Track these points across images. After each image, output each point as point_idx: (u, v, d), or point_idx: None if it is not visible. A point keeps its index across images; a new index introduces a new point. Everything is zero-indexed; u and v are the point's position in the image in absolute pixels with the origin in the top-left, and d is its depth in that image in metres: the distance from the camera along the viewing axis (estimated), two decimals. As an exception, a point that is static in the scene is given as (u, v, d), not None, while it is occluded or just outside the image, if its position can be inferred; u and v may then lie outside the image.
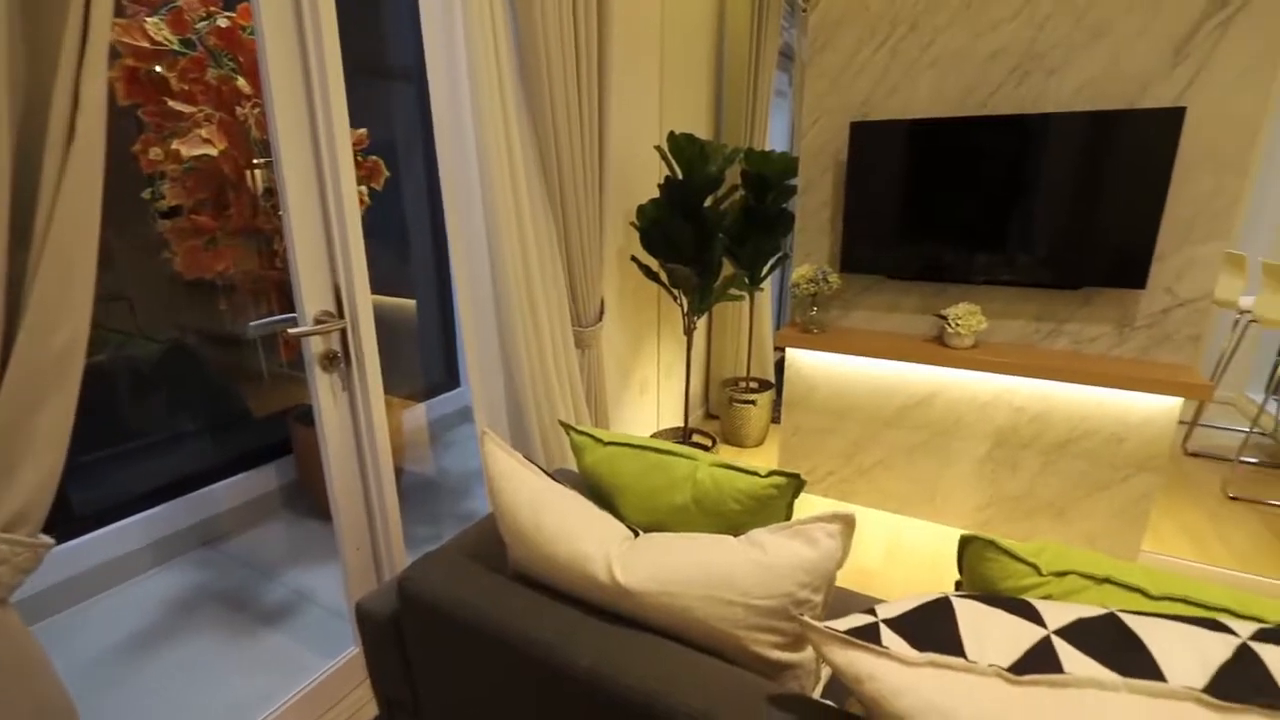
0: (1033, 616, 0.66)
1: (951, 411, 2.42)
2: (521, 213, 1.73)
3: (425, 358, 3.36)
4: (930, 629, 0.66)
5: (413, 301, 3.25)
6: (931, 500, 2.54)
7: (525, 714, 0.90)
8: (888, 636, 0.66)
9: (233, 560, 2.27)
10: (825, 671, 0.98)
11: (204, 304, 2.43)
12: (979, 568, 0.84)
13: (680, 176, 2.47)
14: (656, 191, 2.66)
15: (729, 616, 0.81)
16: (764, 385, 3.40)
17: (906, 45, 2.22)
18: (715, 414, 3.76)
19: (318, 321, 1.41)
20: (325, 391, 1.45)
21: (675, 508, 1.03)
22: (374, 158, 2.22)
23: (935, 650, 0.64)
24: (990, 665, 0.61)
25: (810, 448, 2.73)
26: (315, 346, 1.42)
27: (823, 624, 0.69)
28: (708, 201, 2.52)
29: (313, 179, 1.36)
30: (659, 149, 2.46)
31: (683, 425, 3.15)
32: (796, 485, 0.97)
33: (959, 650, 0.63)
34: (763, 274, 2.99)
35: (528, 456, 1.27)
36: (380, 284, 1.50)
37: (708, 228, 2.51)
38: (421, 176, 3.07)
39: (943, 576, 2.22)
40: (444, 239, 1.74)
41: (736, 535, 0.90)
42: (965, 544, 0.87)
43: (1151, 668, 0.59)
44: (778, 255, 2.97)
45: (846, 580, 2.17)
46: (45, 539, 0.90)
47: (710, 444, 3.08)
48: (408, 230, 3.16)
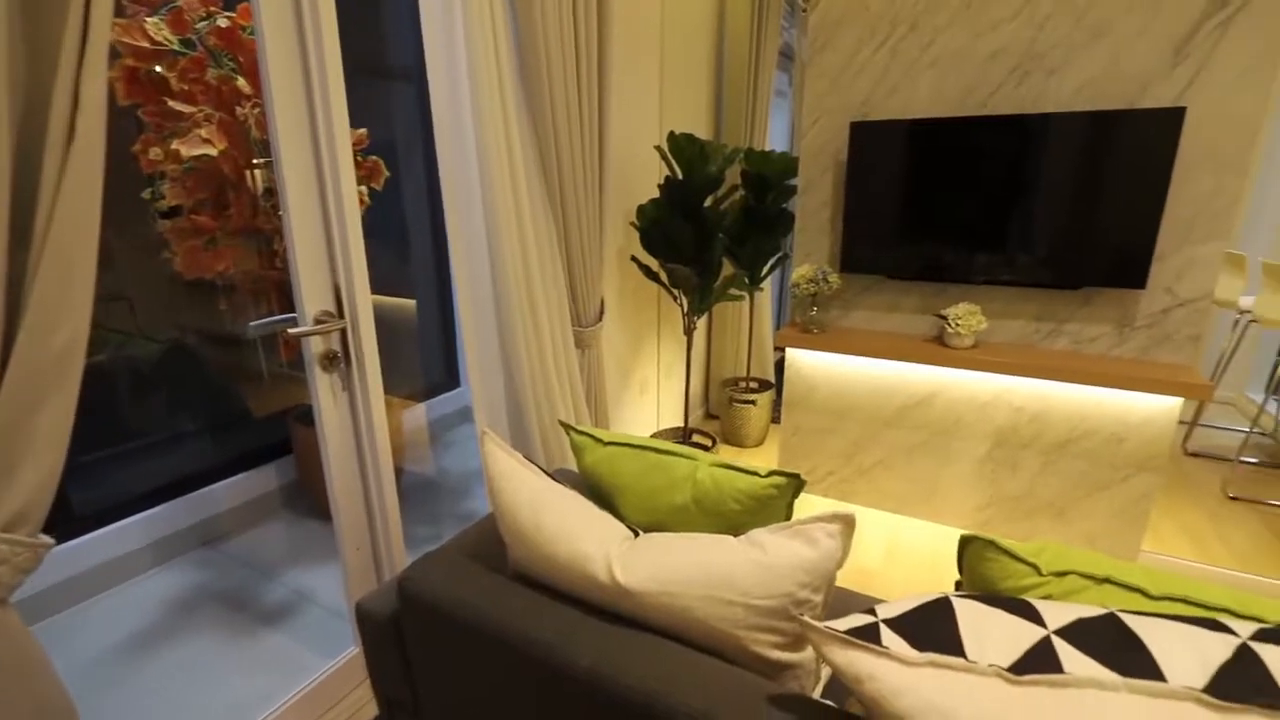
0: (1033, 616, 0.66)
1: (951, 411, 2.42)
2: (521, 212, 1.73)
3: (425, 358, 3.36)
4: (930, 629, 0.66)
5: (413, 301, 3.25)
6: (931, 500, 2.54)
7: (525, 714, 0.90)
8: (888, 636, 0.66)
9: (233, 560, 2.27)
10: (825, 671, 0.98)
11: (204, 304, 2.43)
12: (979, 568, 0.84)
13: (680, 176, 2.47)
14: (656, 191, 2.66)
15: (729, 616, 0.81)
16: (764, 385, 3.40)
17: (906, 45, 2.22)
18: (715, 414, 3.76)
19: (318, 321, 1.41)
20: (325, 391, 1.45)
21: (675, 508, 1.03)
22: (374, 158, 2.22)
23: (935, 650, 0.64)
24: (990, 665, 0.61)
25: (810, 448, 2.73)
26: (315, 346, 1.42)
27: (823, 624, 0.69)
28: (708, 201, 2.52)
29: (313, 179, 1.36)
30: (659, 149, 2.46)
31: (683, 425, 3.15)
32: (796, 485, 0.97)
33: (959, 650, 0.63)
34: (763, 274, 2.99)
35: (528, 456, 1.27)
36: (380, 284, 1.50)
37: (708, 228, 2.51)
38: (422, 176, 3.07)
39: (943, 576, 2.22)
40: (444, 239, 1.74)
41: (736, 535, 0.90)
42: (965, 544, 0.87)
43: (1151, 668, 0.59)
44: (778, 255, 2.97)
45: (846, 580, 2.17)
46: (45, 539, 0.90)
47: (710, 444, 3.08)
48: (408, 230, 3.16)
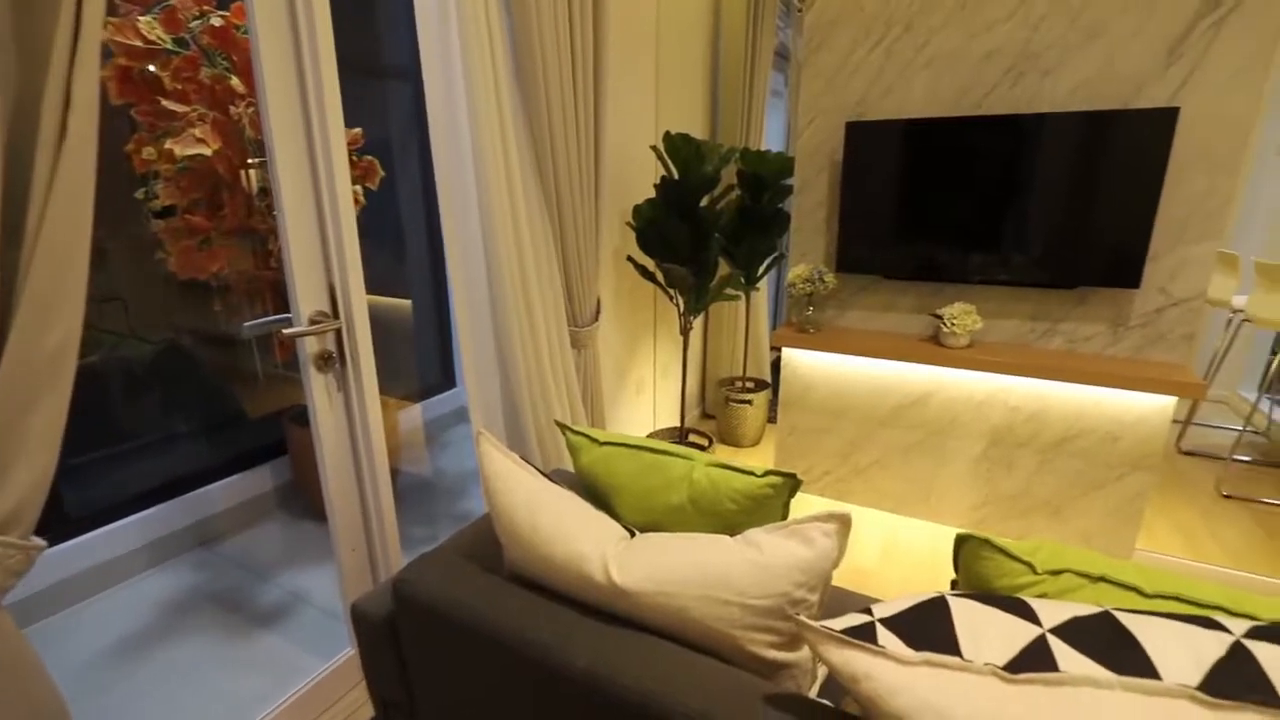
0: (1028, 615, 0.67)
1: (947, 411, 2.42)
2: (517, 213, 1.73)
3: (421, 358, 3.35)
4: (926, 628, 0.67)
5: (408, 301, 3.24)
6: (927, 499, 2.55)
7: (522, 715, 0.90)
8: (884, 636, 0.66)
9: (228, 561, 2.26)
10: (822, 671, 0.98)
11: (198, 304, 2.42)
12: (975, 566, 0.84)
13: (676, 176, 2.47)
14: (652, 191, 2.66)
15: (725, 616, 0.81)
16: (760, 385, 3.41)
17: (901, 45, 2.23)
18: (712, 414, 3.76)
19: (312, 322, 1.41)
20: (320, 392, 1.45)
21: (671, 508, 1.03)
22: (369, 157, 2.21)
23: (931, 649, 0.64)
24: (986, 664, 0.61)
25: (806, 447, 2.73)
26: (310, 347, 1.41)
27: (819, 623, 0.69)
28: (704, 201, 2.52)
29: (307, 179, 1.36)
30: (655, 149, 2.46)
31: (679, 425, 3.15)
32: (793, 485, 0.97)
33: (955, 649, 0.64)
34: (759, 274, 2.99)
35: (524, 457, 1.27)
36: (376, 284, 1.50)
37: (704, 227, 2.51)
38: (417, 176, 3.06)
39: (939, 575, 2.22)
40: (439, 238, 1.73)
41: (733, 535, 0.90)
42: (961, 543, 0.87)
43: (1146, 666, 0.59)
44: (774, 255, 2.97)
45: (843, 579, 2.17)
46: (37, 541, 0.90)
47: (707, 444, 3.08)
48: (403, 230, 3.15)
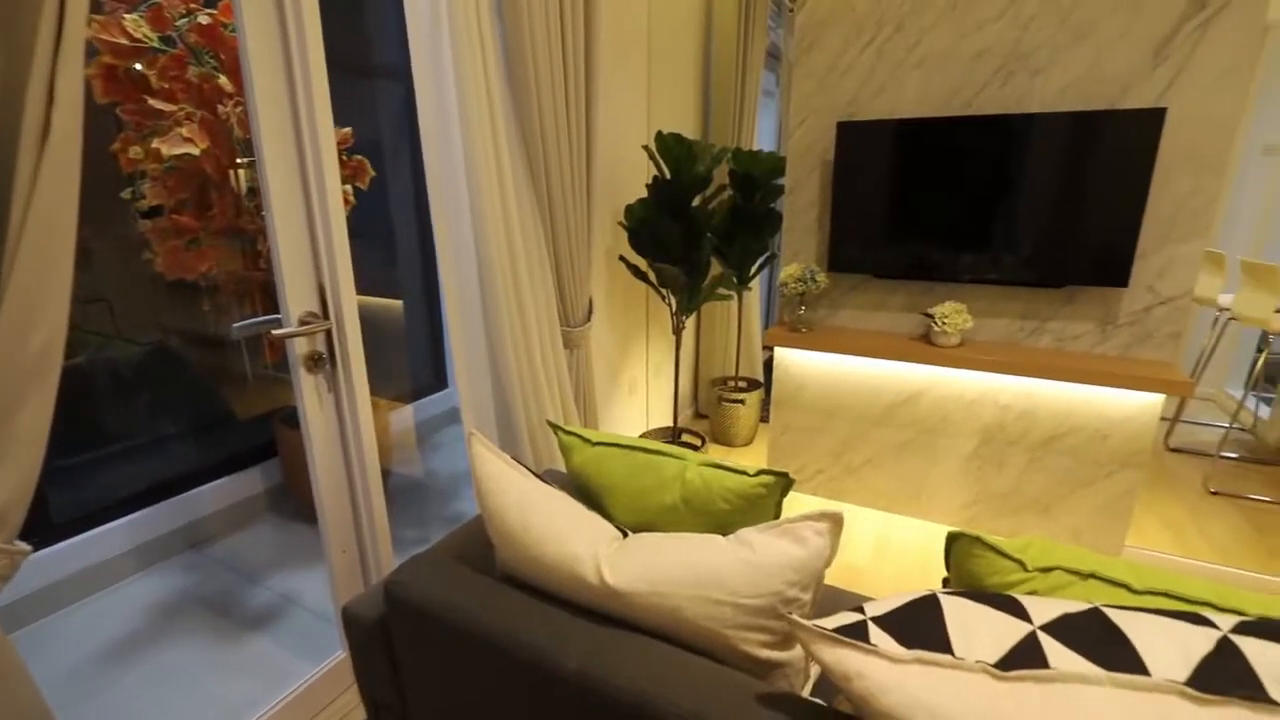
0: (1019, 612, 0.67)
1: (938, 409, 2.43)
2: (509, 213, 1.72)
3: (412, 359, 3.34)
4: (918, 626, 0.67)
5: (399, 302, 3.22)
6: (919, 498, 2.56)
7: (515, 716, 0.89)
8: (876, 634, 0.66)
9: (217, 564, 2.24)
10: (814, 670, 0.98)
11: (186, 305, 2.39)
12: (966, 564, 0.85)
13: (668, 176, 2.47)
14: (644, 191, 2.66)
15: (718, 616, 0.81)
16: (753, 384, 3.41)
17: (892, 45, 2.24)
18: (704, 413, 3.76)
19: (302, 323, 1.40)
20: (310, 393, 1.44)
21: (664, 507, 1.03)
22: (359, 157, 2.20)
23: (923, 647, 0.64)
24: (977, 661, 0.62)
25: (799, 446, 2.74)
26: (300, 348, 1.40)
27: (811, 622, 0.69)
28: (696, 201, 2.52)
29: (296, 178, 1.35)
30: (647, 149, 2.46)
31: (672, 425, 3.15)
32: (785, 484, 0.97)
33: (946, 647, 0.64)
34: (751, 273, 3.00)
35: (516, 457, 1.26)
36: (366, 284, 1.49)
37: (696, 227, 2.51)
38: (408, 176, 3.05)
39: (930, 573, 2.23)
40: (431, 239, 1.73)
41: (725, 535, 0.90)
42: (952, 541, 0.87)
43: (1135, 662, 0.59)
44: (765, 255, 2.97)
45: (835, 578, 2.18)
46: (22, 545, 0.88)
47: (699, 443, 3.08)
48: (394, 230, 3.13)
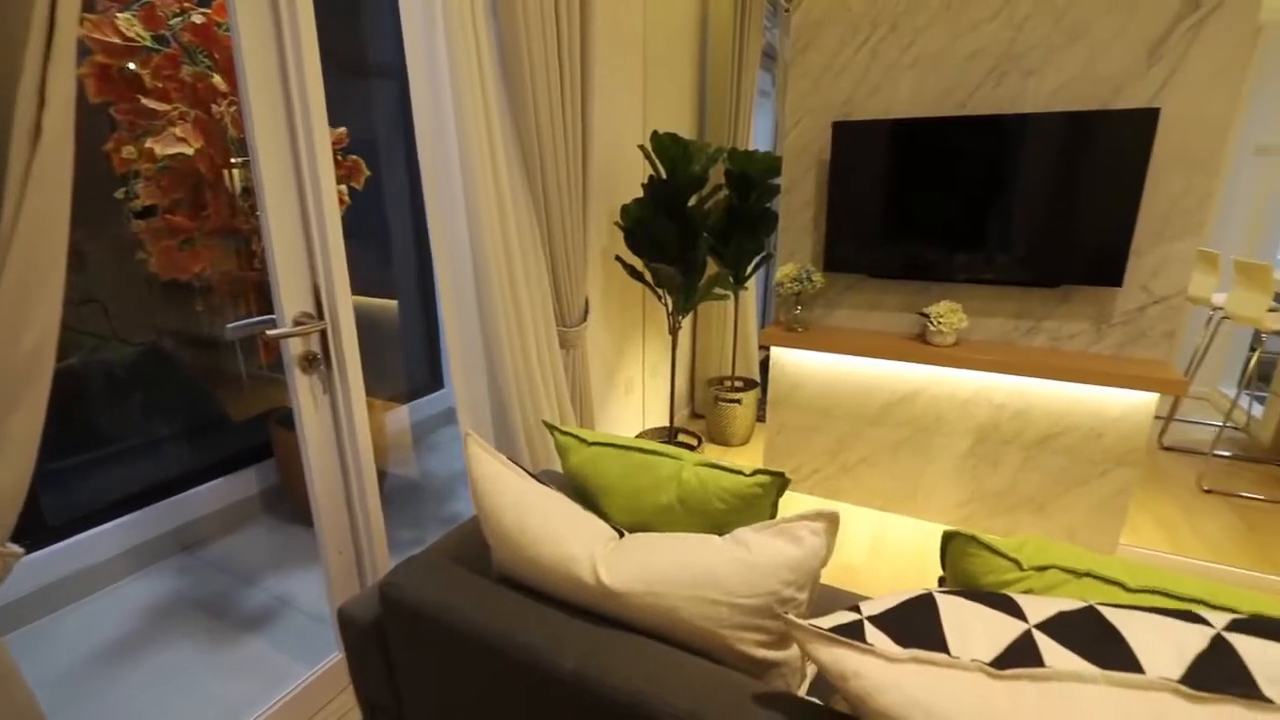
0: (1014, 611, 0.67)
1: (934, 408, 2.44)
2: (504, 213, 1.72)
3: (408, 359, 3.33)
4: (914, 625, 0.67)
5: (395, 302, 3.21)
6: (914, 497, 2.57)
7: (511, 717, 0.89)
8: (872, 633, 0.66)
9: (212, 566, 2.23)
10: (811, 669, 0.98)
11: (180, 306, 2.38)
12: (961, 563, 0.85)
13: (664, 176, 2.47)
14: (640, 191, 2.66)
15: (714, 616, 0.81)
16: (749, 384, 3.42)
17: (887, 46, 2.24)
18: (701, 413, 3.76)
19: (297, 323, 1.39)
20: (305, 394, 1.43)
21: (660, 507, 1.03)
22: (354, 157, 2.19)
23: (919, 646, 0.64)
24: (973, 660, 0.62)
25: (795, 446, 2.74)
26: (294, 348, 1.40)
27: (807, 622, 0.69)
28: (692, 201, 2.52)
29: (291, 178, 1.34)
30: (643, 148, 2.45)
31: (668, 425, 3.15)
32: (781, 484, 0.97)
33: (942, 646, 0.64)
34: (747, 273, 3.00)
35: (512, 458, 1.26)
36: (361, 285, 1.48)
37: (692, 227, 2.51)
38: (403, 176, 3.04)
39: (926, 572, 2.24)
40: (426, 239, 1.72)
41: (721, 534, 0.90)
42: (948, 540, 0.87)
43: (1130, 660, 0.59)
44: (762, 254, 2.98)
45: (831, 577, 2.18)
46: (14, 548, 0.88)
47: (696, 443, 3.08)
48: (389, 230, 3.13)
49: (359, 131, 2.30)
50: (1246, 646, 0.59)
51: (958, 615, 0.67)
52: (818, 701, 0.74)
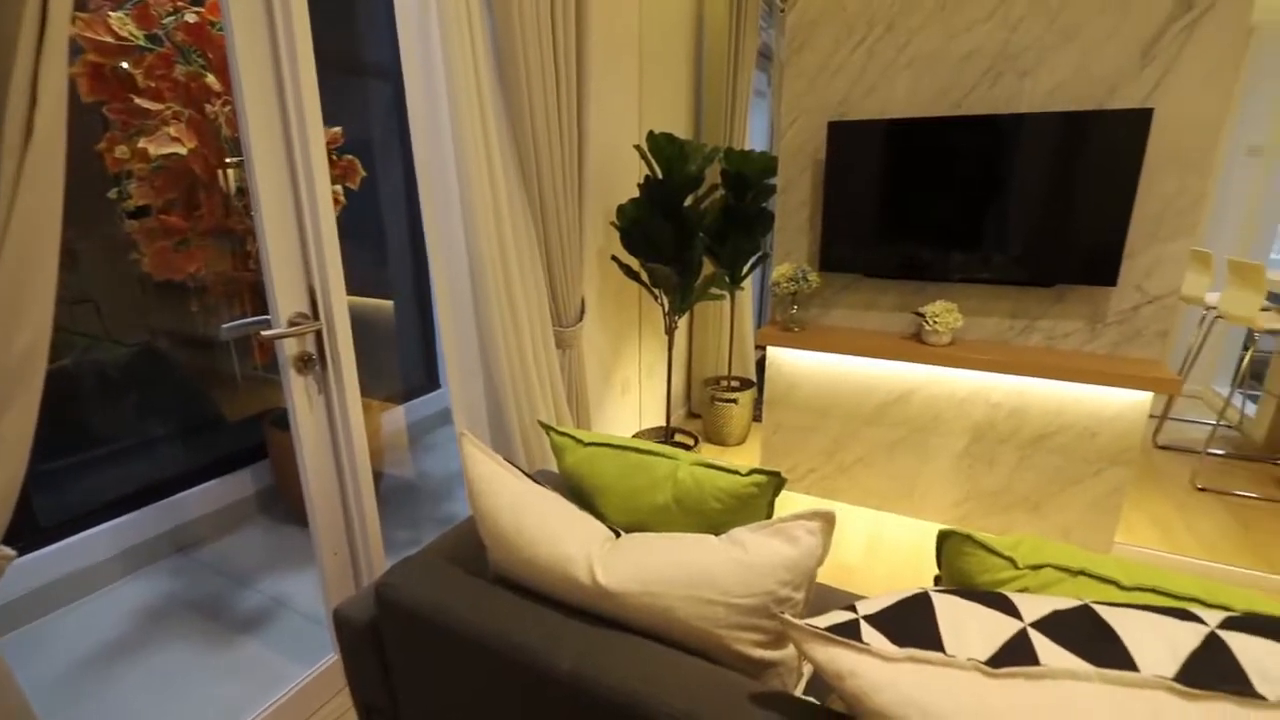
0: (1009, 610, 0.67)
1: (930, 408, 2.45)
2: (500, 213, 1.72)
3: (404, 359, 3.32)
4: (909, 624, 0.67)
5: (390, 302, 3.21)
6: (911, 496, 2.57)
7: (508, 718, 0.89)
8: (868, 633, 0.66)
9: (207, 568, 2.22)
10: (807, 669, 0.98)
11: (175, 306, 2.37)
12: (957, 562, 0.85)
13: (660, 176, 2.47)
14: (636, 191, 2.65)
15: (710, 616, 0.81)
16: (745, 384, 3.42)
17: (883, 46, 2.25)
18: (697, 413, 3.76)
19: (292, 323, 1.39)
20: (300, 394, 1.43)
21: (656, 507, 1.03)
22: (349, 157, 2.19)
23: (915, 645, 0.64)
24: (968, 659, 0.62)
25: (792, 445, 2.75)
26: (289, 349, 1.39)
27: (803, 621, 0.69)
28: (688, 201, 2.52)
29: (286, 178, 1.34)
30: (638, 149, 2.45)
31: (665, 424, 3.15)
32: (777, 483, 0.97)
33: (938, 645, 0.64)
34: (743, 273, 3.00)
35: (508, 458, 1.26)
36: (357, 285, 1.48)
37: (688, 227, 2.51)
38: (399, 176, 3.03)
39: (922, 571, 2.25)
40: (422, 239, 1.72)
41: (718, 534, 0.90)
42: (943, 539, 0.87)
43: (1124, 658, 0.60)
44: (758, 254, 2.98)
45: (827, 577, 2.19)
46: (6, 550, 0.87)
47: (692, 443, 3.08)
48: (385, 230, 3.12)
49: (354, 131, 2.30)
50: (1240, 644, 0.59)
51: (953, 614, 0.68)
52: (814, 701, 0.74)
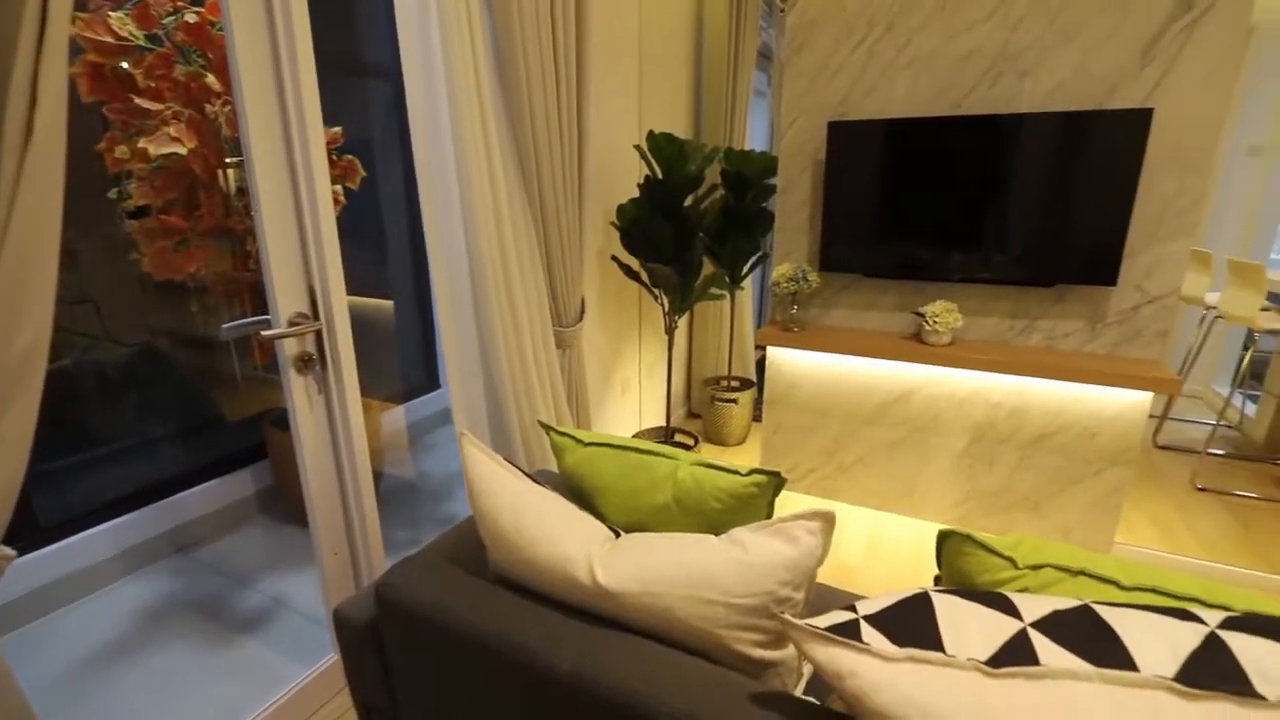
0: (1009, 610, 0.67)
1: (930, 408, 2.45)
2: (500, 213, 1.72)
3: (404, 359, 3.32)
4: (909, 624, 0.67)
5: (390, 302, 3.21)
6: (911, 496, 2.57)
7: (507, 718, 0.89)
8: (868, 633, 0.66)
9: (207, 568, 2.22)
10: (807, 669, 0.98)
11: (175, 306, 2.37)
12: (957, 562, 0.85)
13: (660, 176, 2.47)
14: (636, 191, 2.65)
15: (710, 616, 0.81)
16: (745, 384, 3.42)
17: (883, 46, 2.24)
18: (697, 413, 3.76)
19: (292, 323, 1.39)
20: (300, 394, 1.43)
21: (656, 507, 1.03)
22: (349, 156, 2.19)
23: (915, 645, 0.64)
24: (968, 659, 0.62)
25: (792, 445, 2.75)
26: (289, 349, 1.39)
27: (803, 621, 0.69)
28: (688, 201, 2.52)
29: (286, 178, 1.34)
30: (638, 148, 2.45)
31: (665, 424, 3.15)
32: (777, 483, 0.97)
33: (938, 645, 0.64)
34: (743, 273, 3.00)
35: (508, 458, 1.26)
36: (357, 285, 1.48)
37: (688, 227, 2.51)
38: (399, 176, 3.03)
39: (922, 571, 2.24)
40: (422, 239, 1.72)
41: (718, 534, 0.90)
42: (943, 539, 0.87)
43: (1124, 658, 0.60)
44: (758, 254, 2.98)
45: (827, 577, 2.19)
46: (6, 550, 0.87)
47: (692, 443, 3.08)
48: (385, 230, 3.12)
49: (354, 131, 2.30)
50: (1240, 644, 0.59)
51: (953, 614, 0.67)
52: (814, 701, 0.74)
